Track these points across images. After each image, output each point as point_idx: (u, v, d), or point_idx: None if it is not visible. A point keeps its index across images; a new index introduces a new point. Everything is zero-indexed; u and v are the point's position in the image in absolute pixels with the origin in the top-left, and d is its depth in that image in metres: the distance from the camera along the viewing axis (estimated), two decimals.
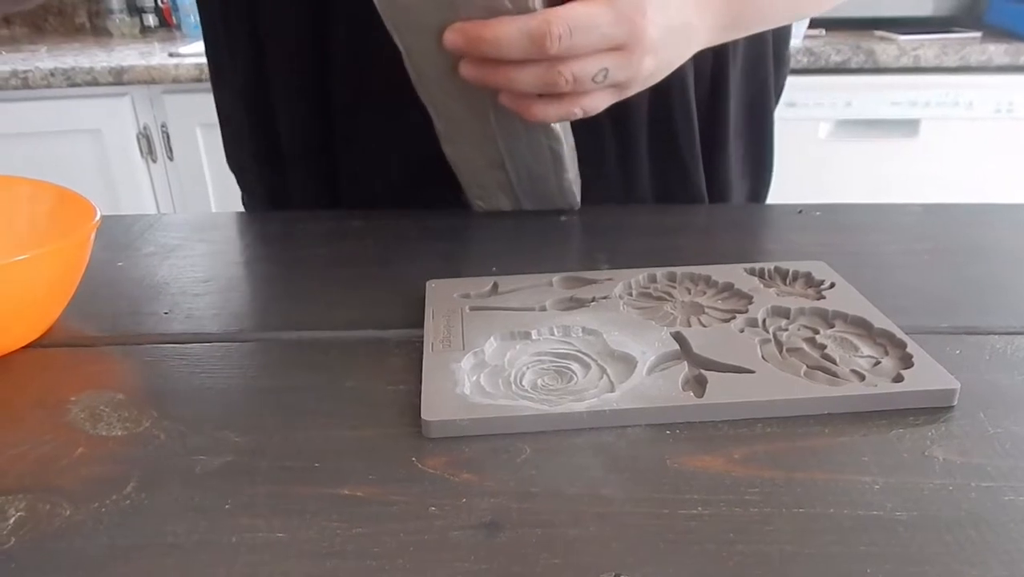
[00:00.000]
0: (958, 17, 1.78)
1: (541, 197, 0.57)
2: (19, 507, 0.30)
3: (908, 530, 0.28)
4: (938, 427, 0.33)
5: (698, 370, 0.37)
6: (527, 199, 0.57)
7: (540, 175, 0.54)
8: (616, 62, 0.44)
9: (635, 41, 0.43)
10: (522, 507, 0.29)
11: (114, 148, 1.64)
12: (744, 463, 0.31)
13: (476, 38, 0.42)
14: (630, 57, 0.44)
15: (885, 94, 1.57)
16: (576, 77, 0.43)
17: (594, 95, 0.46)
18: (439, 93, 0.49)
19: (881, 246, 0.53)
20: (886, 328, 0.39)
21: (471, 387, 0.36)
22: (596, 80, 0.44)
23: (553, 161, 0.52)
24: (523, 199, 0.57)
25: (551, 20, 0.41)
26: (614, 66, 0.44)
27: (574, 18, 0.41)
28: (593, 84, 0.44)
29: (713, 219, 0.60)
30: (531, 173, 0.54)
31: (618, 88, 0.47)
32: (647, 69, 0.45)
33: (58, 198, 0.46)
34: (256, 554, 0.27)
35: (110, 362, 0.40)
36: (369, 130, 0.59)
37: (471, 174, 0.56)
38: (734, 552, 0.27)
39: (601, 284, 0.45)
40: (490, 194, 0.57)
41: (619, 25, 0.42)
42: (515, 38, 0.42)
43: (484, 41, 0.42)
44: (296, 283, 0.49)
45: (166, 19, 2.05)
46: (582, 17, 0.42)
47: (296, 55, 0.58)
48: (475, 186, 0.57)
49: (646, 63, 0.45)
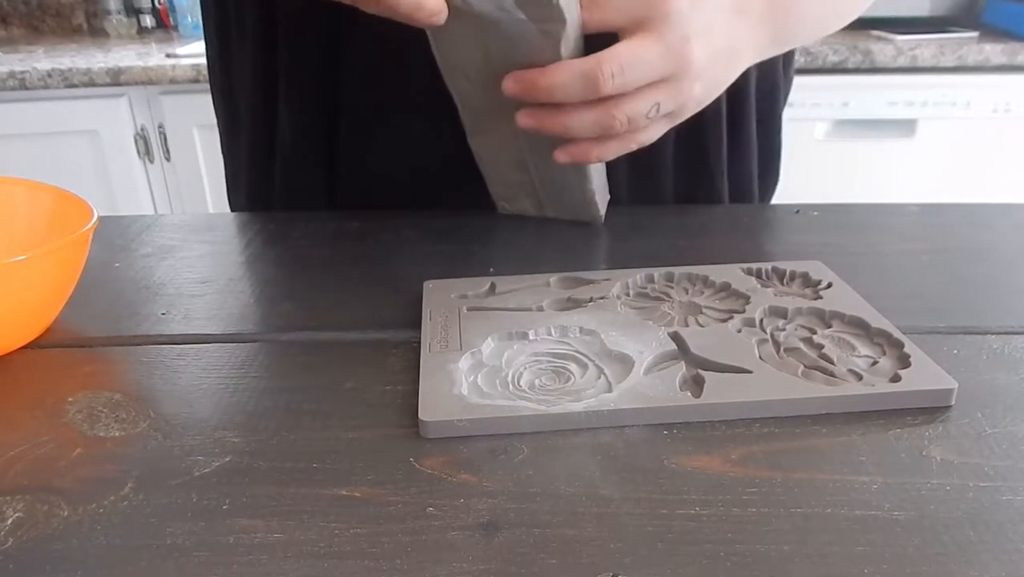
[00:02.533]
0: (955, 17, 1.79)
1: (564, 206, 0.57)
2: (17, 508, 0.30)
3: (906, 530, 0.28)
4: (936, 427, 0.34)
5: (696, 370, 0.37)
6: (550, 206, 0.57)
7: (562, 183, 0.54)
8: (667, 94, 0.45)
9: (683, 71, 0.44)
10: (520, 507, 0.29)
11: (111, 149, 1.64)
12: (742, 463, 0.32)
13: (531, 85, 0.44)
14: (680, 86, 0.45)
15: (882, 94, 1.57)
16: (630, 117, 0.45)
17: (647, 128, 0.47)
18: (465, 83, 0.49)
19: (878, 246, 0.53)
20: (883, 328, 0.39)
21: (469, 387, 0.36)
22: (649, 116, 0.45)
23: (576, 170, 0.52)
24: (546, 205, 0.57)
25: (602, 61, 0.42)
26: (665, 98, 0.45)
27: (624, 56, 0.42)
28: (647, 120, 0.45)
29: (711, 219, 0.60)
30: (553, 180, 0.54)
31: (670, 117, 0.48)
32: (697, 95, 0.46)
33: (55, 199, 0.46)
34: (254, 555, 0.27)
35: (108, 363, 0.40)
36: (378, 135, 0.59)
37: (495, 171, 0.56)
38: (732, 552, 0.27)
39: (598, 284, 0.45)
40: (514, 195, 0.58)
41: (668, 57, 0.43)
42: (569, 82, 0.43)
43: (539, 88, 0.44)
44: (294, 284, 0.49)
45: (163, 20, 2.05)
46: (632, 54, 0.43)
47: (310, 55, 0.58)
48: (499, 185, 0.57)
49: (696, 90, 0.46)
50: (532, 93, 0.45)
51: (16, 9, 2.06)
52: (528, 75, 0.44)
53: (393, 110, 0.58)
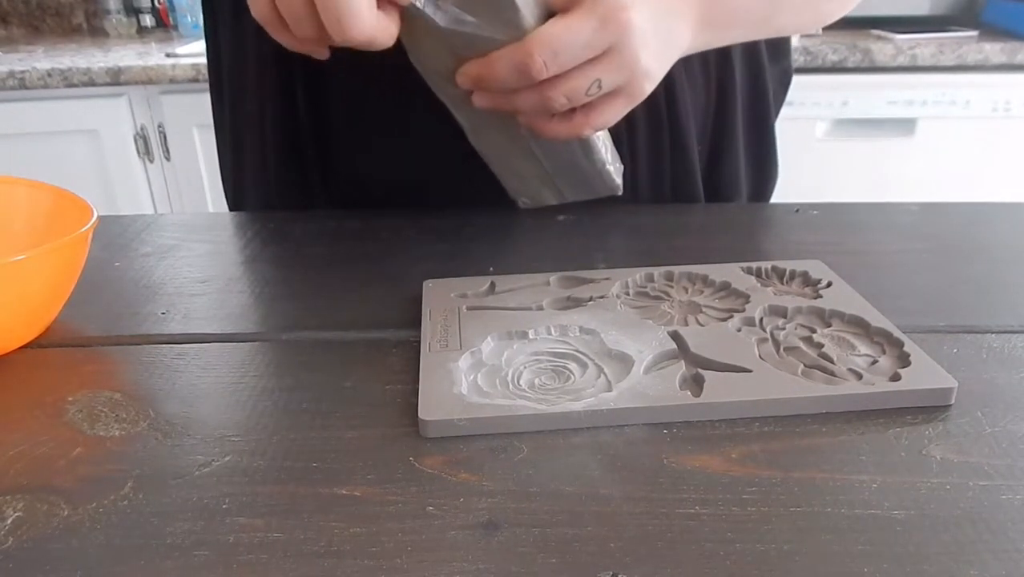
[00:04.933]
0: (955, 16, 1.78)
1: (579, 184, 0.56)
2: (17, 507, 0.30)
3: (906, 529, 0.28)
4: (935, 426, 0.34)
5: (695, 369, 0.37)
6: (567, 188, 0.57)
7: (571, 160, 0.54)
8: (608, 68, 0.44)
9: (623, 41, 0.43)
10: (520, 506, 0.29)
11: (111, 148, 1.64)
12: (742, 462, 0.32)
13: (477, 78, 0.44)
14: (621, 58, 0.43)
15: (882, 93, 1.57)
16: (569, 96, 0.44)
17: (601, 109, 0.46)
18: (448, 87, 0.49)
19: (878, 245, 0.53)
20: (883, 327, 0.39)
21: (468, 387, 0.36)
22: (590, 93, 0.44)
23: (580, 143, 0.51)
24: (563, 189, 0.57)
25: (531, 50, 0.41)
26: (606, 73, 0.44)
27: (555, 39, 0.41)
28: (588, 96, 0.44)
29: (710, 218, 0.60)
30: (561, 158, 0.53)
31: (622, 93, 0.46)
32: (644, 64, 0.45)
33: (55, 198, 0.46)
34: (254, 554, 0.27)
35: (107, 362, 0.40)
36: (371, 137, 0.59)
37: (504, 166, 0.56)
38: (732, 551, 0.27)
39: (598, 283, 0.45)
40: (529, 186, 0.57)
41: (604, 30, 0.42)
42: (506, 73, 0.43)
43: (484, 79, 0.44)
44: (294, 283, 0.49)
45: (163, 20, 2.05)
46: (563, 35, 0.41)
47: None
48: (513, 178, 0.57)
49: (642, 58, 0.44)
50: (479, 85, 0.45)
51: (16, 9, 2.06)
52: (471, 68, 0.44)
53: (387, 108, 0.58)
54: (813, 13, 0.58)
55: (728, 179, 0.66)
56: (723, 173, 0.65)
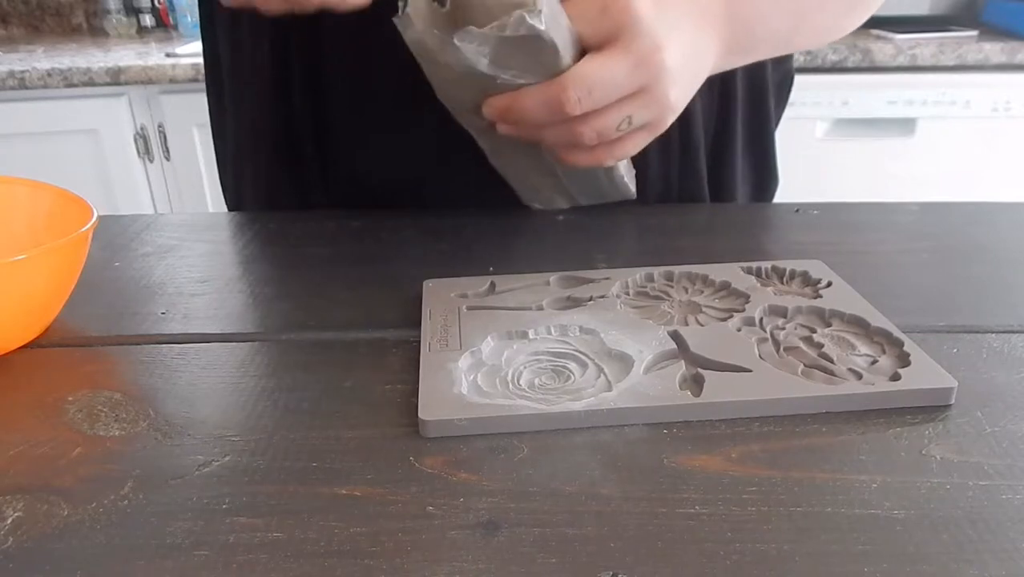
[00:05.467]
0: (955, 16, 1.79)
1: (594, 194, 0.57)
2: (17, 507, 0.30)
3: (906, 529, 0.28)
4: (935, 426, 0.34)
5: (695, 369, 0.37)
6: (582, 197, 0.58)
7: (590, 177, 0.54)
8: (639, 106, 0.44)
9: (655, 80, 0.43)
10: (520, 506, 0.29)
11: (111, 148, 1.64)
12: (742, 462, 0.32)
13: (506, 110, 0.44)
14: (653, 96, 0.44)
15: (882, 93, 1.57)
16: (599, 132, 0.44)
17: (625, 142, 0.47)
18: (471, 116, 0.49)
19: (878, 245, 0.53)
20: (883, 327, 0.39)
21: (468, 387, 0.36)
22: (620, 129, 0.45)
23: None
24: (578, 198, 0.58)
25: (567, 85, 0.42)
26: (637, 111, 0.44)
27: (591, 76, 0.42)
28: (618, 132, 0.45)
29: (711, 218, 0.60)
30: (580, 176, 0.54)
31: (648, 127, 0.47)
32: (673, 101, 0.45)
33: (55, 198, 0.46)
34: (254, 554, 0.27)
35: (107, 362, 0.40)
36: (368, 137, 0.59)
37: (522, 182, 0.57)
38: (732, 551, 0.27)
39: (598, 283, 0.45)
40: (542, 194, 0.58)
41: (638, 70, 0.42)
42: (536, 108, 0.43)
43: (512, 112, 0.44)
44: (293, 283, 0.49)
45: (163, 19, 2.05)
46: (599, 72, 0.42)
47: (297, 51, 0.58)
48: (528, 190, 0.58)
49: (671, 96, 0.45)
50: (505, 118, 0.45)
51: (16, 9, 2.06)
52: (499, 102, 0.44)
53: (385, 105, 0.58)
54: (833, 29, 0.58)
55: (727, 184, 0.66)
56: (722, 177, 0.65)
